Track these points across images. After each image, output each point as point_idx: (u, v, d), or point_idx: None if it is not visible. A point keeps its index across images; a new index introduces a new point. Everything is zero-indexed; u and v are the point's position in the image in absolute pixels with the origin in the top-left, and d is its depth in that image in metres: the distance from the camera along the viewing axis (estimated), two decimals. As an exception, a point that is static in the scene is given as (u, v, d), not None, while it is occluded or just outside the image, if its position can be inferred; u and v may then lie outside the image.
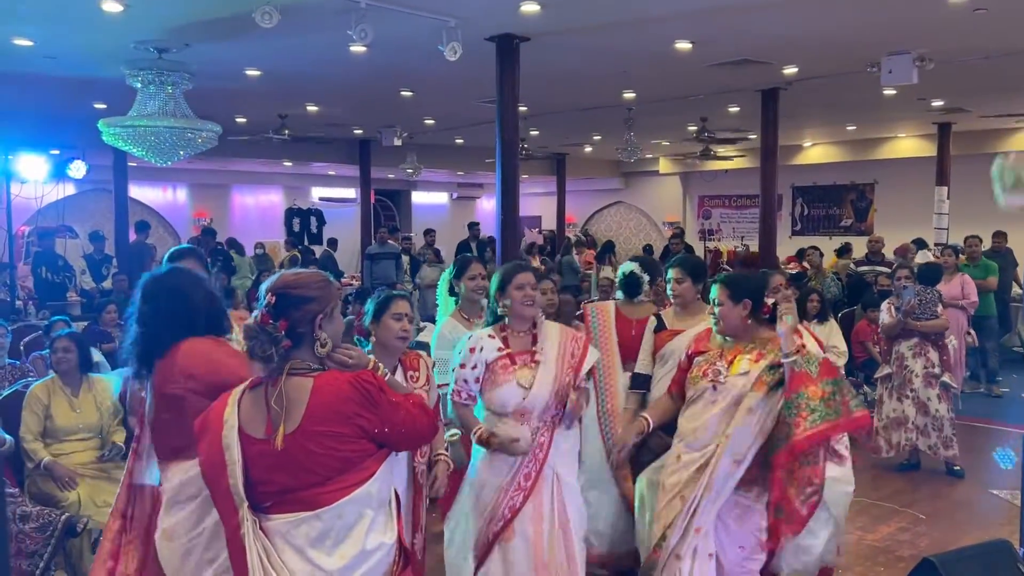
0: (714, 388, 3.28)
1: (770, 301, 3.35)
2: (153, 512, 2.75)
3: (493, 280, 3.48)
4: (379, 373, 2.68)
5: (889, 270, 10.19)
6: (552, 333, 3.40)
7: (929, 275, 6.66)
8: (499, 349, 3.34)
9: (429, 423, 2.28)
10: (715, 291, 3.37)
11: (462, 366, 3.35)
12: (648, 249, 15.38)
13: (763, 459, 3.18)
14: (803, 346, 3.15)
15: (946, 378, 6.24)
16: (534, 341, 3.37)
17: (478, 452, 3.36)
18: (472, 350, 3.35)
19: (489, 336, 3.38)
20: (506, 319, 3.40)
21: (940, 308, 6.39)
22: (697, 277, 3.96)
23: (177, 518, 2.54)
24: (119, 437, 4.59)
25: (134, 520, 2.84)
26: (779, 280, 4.33)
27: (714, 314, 3.37)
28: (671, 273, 3.98)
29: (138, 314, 2.72)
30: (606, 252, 15.32)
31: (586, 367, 3.40)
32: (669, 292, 4.02)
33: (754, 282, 3.48)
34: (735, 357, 3.31)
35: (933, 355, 6.26)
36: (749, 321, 3.33)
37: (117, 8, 5.33)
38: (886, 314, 6.44)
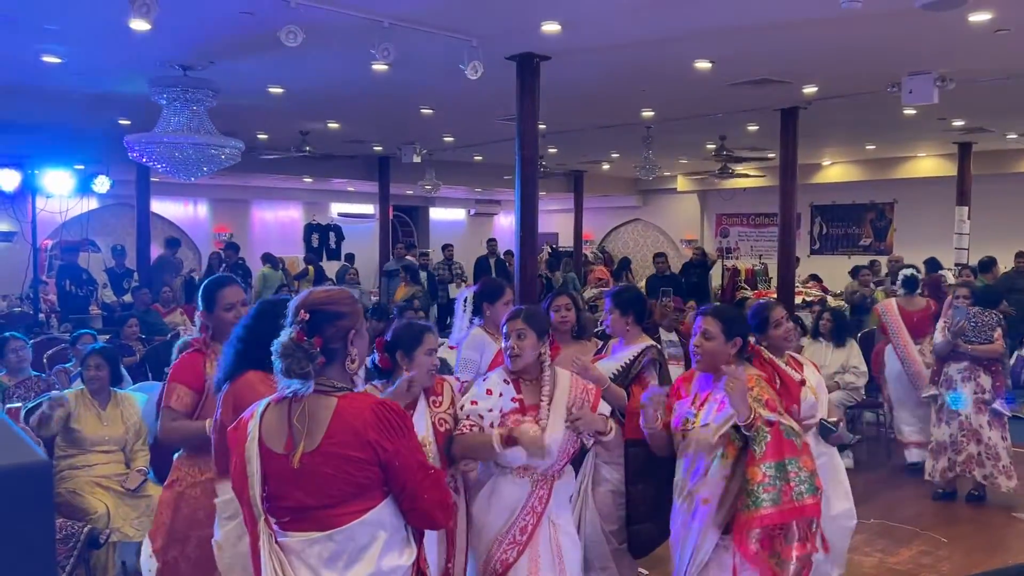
0: (683, 438, 3.25)
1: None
2: None
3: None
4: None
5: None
6: (562, 385, 3.21)
7: (987, 297, 6.26)
8: (513, 399, 3.17)
9: (438, 490, 2.20)
10: (703, 323, 3.26)
11: (474, 403, 3.17)
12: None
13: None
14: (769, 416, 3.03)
15: (997, 405, 5.92)
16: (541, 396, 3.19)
17: (477, 495, 3.20)
18: (489, 392, 3.19)
19: (504, 381, 3.22)
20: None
21: (997, 333, 5.98)
22: (625, 308, 3.90)
23: (224, 531, 2.68)
24: (143, 460, 4.64)
25: None
26: (780, 313, 3.97)
27: (698, 347, 3.25)
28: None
29: (242, 331, 2.78)
30: (623, 269, 15.34)
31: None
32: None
33: (743, 317, 3.43)
34: (704, 402, 3.23)
35: (984, 380, 5.95)
36: (731, 363, 3.21)
37: (145, 27, 5.41)
38: (939, 334, 6.13)
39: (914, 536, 5.43)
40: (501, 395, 3.19)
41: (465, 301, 4.32)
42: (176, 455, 3.25)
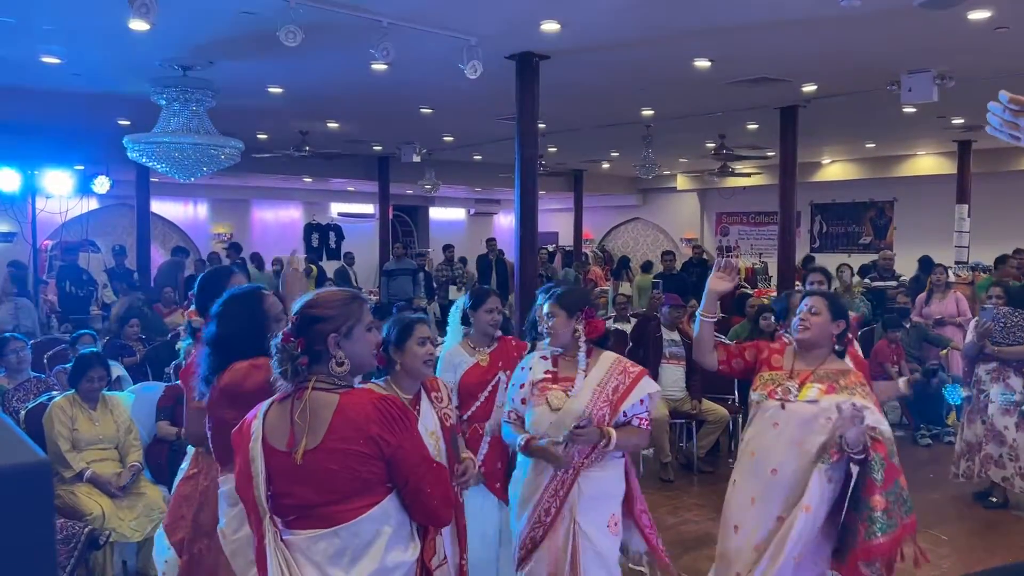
0: (782, 407, 3.22)
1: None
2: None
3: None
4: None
5: (906, 287, 10.14)
6: (602, 363, 3.28)
7: (1020, 298, 6.05)
8: (546, 372, 3.31)
9: (442, 485, 2.21)
10: (812, 300, 3.34)
11: (519, 386, 3.37)
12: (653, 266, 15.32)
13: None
14: (872, 433, 3.00)
15: None
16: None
17: (521, 469, 3.34)
18: (522, 369, 3.39)
19: (542, 358, 3.37)
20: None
21: None
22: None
23: (226, 520, 2.74)
24: (136, 456, 4.68)
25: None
26: (797, 301, 4.13)
27: (804, 321, 3.30)
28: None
29: (209, 335, 2.84)
30: (622, 268, 15.33)
31: (629, 404, 3.20)
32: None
33: (846, 305, 3.49)
34: (805, 380, 3.25)
35: (1014, 381, 5.78)
36: (834, 344, 3.31)
37: (144, 27, 5.41)
38: (971, 333, 6.01)
39: (925, 549, 5.40)
40: (531, 369, 3.36)
41: (458, 310, 4.30)
42: (193, 449, 3.25)
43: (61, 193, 10.12)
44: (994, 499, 5.97)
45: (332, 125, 11.15)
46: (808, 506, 3.07)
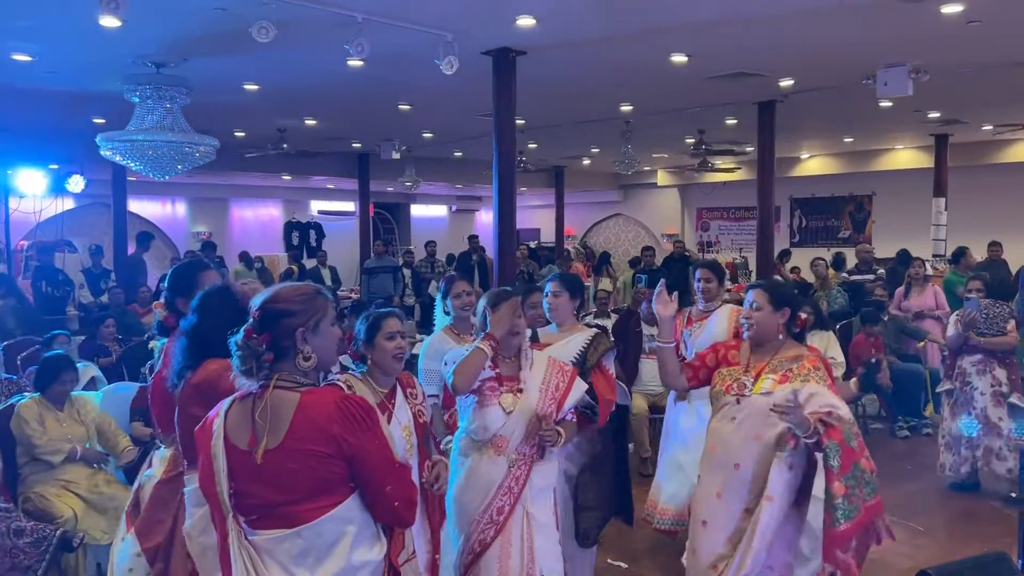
0: (737, 402, 3.22)
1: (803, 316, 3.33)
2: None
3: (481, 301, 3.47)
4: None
5: (883, 280, 10.18)
6: (539, 362, 3.37)
7: (999, 289, 6.14)
8: (489, 367, 3.30)
9: (403, 486, 2.19)
10: (753, 295, 3.31)
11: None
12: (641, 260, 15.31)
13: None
14: (827, 419, 2.96)
15: (1015, 398, 5.83)
16: (519, 368, 3.34)
17: (453, 478, 3.28)
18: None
19: None
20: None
21: (1010, 324, 5.87)
22: (574, 292, 3.97)
23: (192, 520, 2.72)
24: (126, 441, 4.70)
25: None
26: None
27: (748, 319, 3.29)
28: (548, 287, 3.98)
29: (187, 326, 2.83)
30: (603, 264, 15.34)
31: (570, 401, 3.34)
32: (546, 306, 4.00)
33: (792, 291, 3.47)
34: (760, 373, 3.24)
35: (1000, 372, 5.86)
36: (780, 334, 3.28)
37: (114, 23, 5.34)
38: (952, 327, 6.03)
39: (890, 525, 5.44)
40: None
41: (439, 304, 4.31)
42: (169, 449, 3.17)
43: (35, 192, 9.98)
44: (966, 480, 6.00)
45: (310, 122, 11.08)
46: (771, 496, 3.08)
